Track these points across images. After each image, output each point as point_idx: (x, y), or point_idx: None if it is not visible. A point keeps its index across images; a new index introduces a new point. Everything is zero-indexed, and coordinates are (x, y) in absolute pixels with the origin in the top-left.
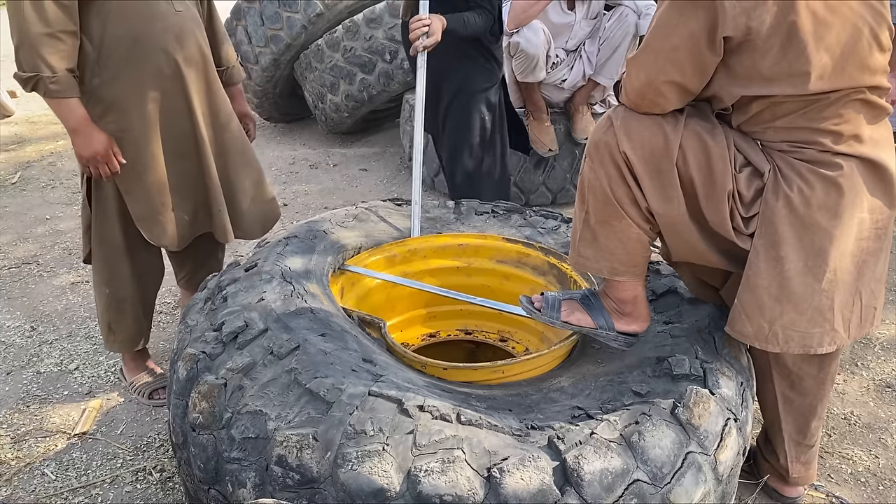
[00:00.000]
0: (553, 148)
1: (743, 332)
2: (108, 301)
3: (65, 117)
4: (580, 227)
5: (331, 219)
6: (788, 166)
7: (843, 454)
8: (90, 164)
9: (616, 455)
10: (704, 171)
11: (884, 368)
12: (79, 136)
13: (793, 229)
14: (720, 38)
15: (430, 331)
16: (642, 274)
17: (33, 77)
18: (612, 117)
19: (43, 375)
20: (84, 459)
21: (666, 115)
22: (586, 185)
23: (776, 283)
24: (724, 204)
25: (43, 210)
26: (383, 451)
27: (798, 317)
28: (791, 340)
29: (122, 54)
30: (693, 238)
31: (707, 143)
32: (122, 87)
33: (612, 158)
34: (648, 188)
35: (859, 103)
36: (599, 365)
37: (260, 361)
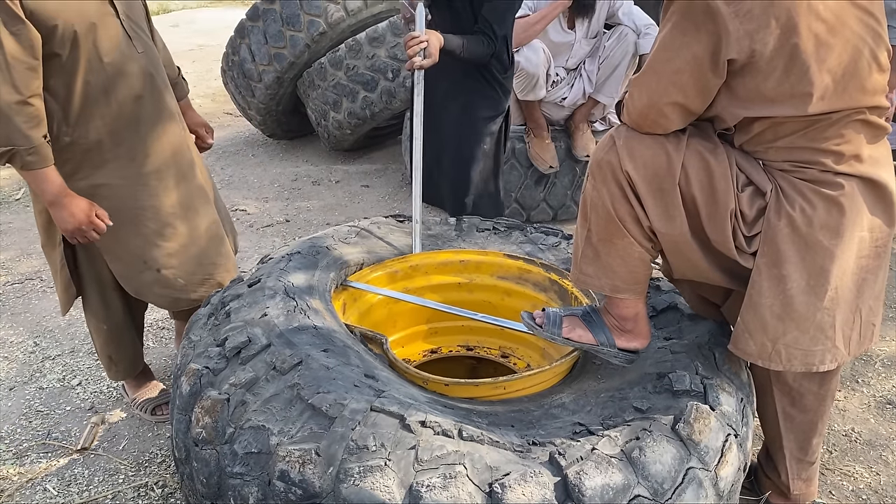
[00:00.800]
0: (554, 165)
1: (746, 351)
2: (107, 336)
3: (42, 190)
4: (582, 244)
5: (333, 235)
6: (790, 185)
7: (844, 471)
8: (76, 235)
9: (617, 471)
10: (707, 190)
11: (884, 385)
12: (59, 209)
13: (795, 248)
14: (724, 61)
15: (432, 347)
16: (643, 291)
17: (8, 151)
18: (614, 136)
19: (45, 391)
20: (86, 475)
21: (668, 135)
22: (588, 204)
23: (779, 302)
24: (726, 223)
25: None
26: (385, 466)
27: (801, 335)
28: (794, 358)
29: (91, 107)
30: (695, 256)
31: (709, 162)
32: (93, 142)
33: (615, 177)
34: (651, 207)
35: (860, 123)
36: (600, 381)
37: (263, 377)
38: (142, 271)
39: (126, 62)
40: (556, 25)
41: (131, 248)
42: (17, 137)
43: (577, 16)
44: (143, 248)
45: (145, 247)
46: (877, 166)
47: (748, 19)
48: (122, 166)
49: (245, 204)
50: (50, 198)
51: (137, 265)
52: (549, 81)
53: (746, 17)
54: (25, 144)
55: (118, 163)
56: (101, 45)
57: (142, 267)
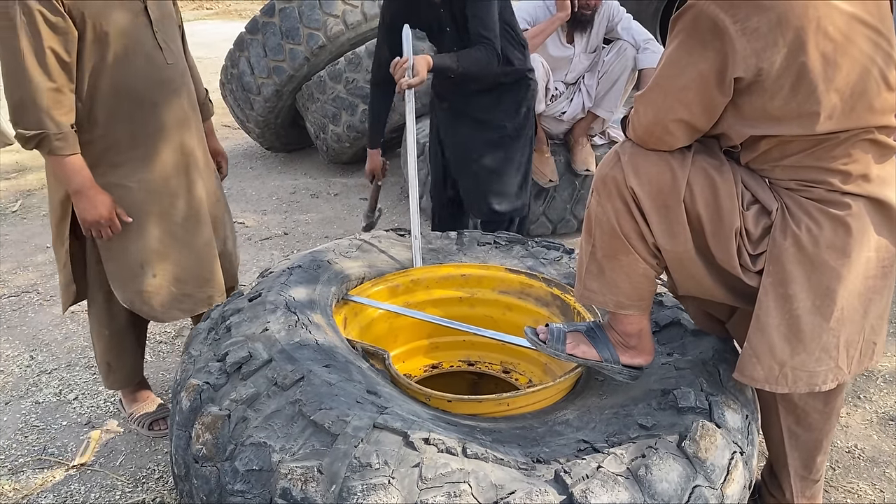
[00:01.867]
0: (553, 179)
1: (754, 377)
2: (108, 342)
3: (68, 178)
4: (586, 260)
5: (334, 249)
6: (796, 205)
7: (847, 488)
8: (93, 227)
9: (623, 489)
10: (712, 207)
11: (886, 401)
12: (82, 198)
13: (801, 268)
14: (730, 79)
15: (433, 362)
16: (648, 308)
17: (38, 135)
18: (619, 152)
19: (41, 405)
20: (82, 491)
21: (673, 152)
22: (593, 220)
23: (785, 323)
24: (731, 241)
25: (43, 238)
26: (389, 484)
27: (807, 357)
28: (799, 381)
29: (114, 110)
30: (699, 273)
31: (715, 179)
32: (112, 142)
33: (620, 193)
34: (655, 224)
35: (868, 143)
36: (604, 397)
37: (264, 392)
38: (137, 276)
39: (153, 71)
40: (555, 40)
41: (131, 251)
42: (48, 123)
43: (575, 30)
44: (142, 253)
45: (144, 252)
46: (884, 186)
47: (755, 38)
48: (135, 169)
49: (243, 217)
50: (75, 186)
51: (134, 269)
52: (549, 95)
53: (754, 36)
54: (55, 130)
55: (132, 165)
56: (131, 51)
57: (138, 271)
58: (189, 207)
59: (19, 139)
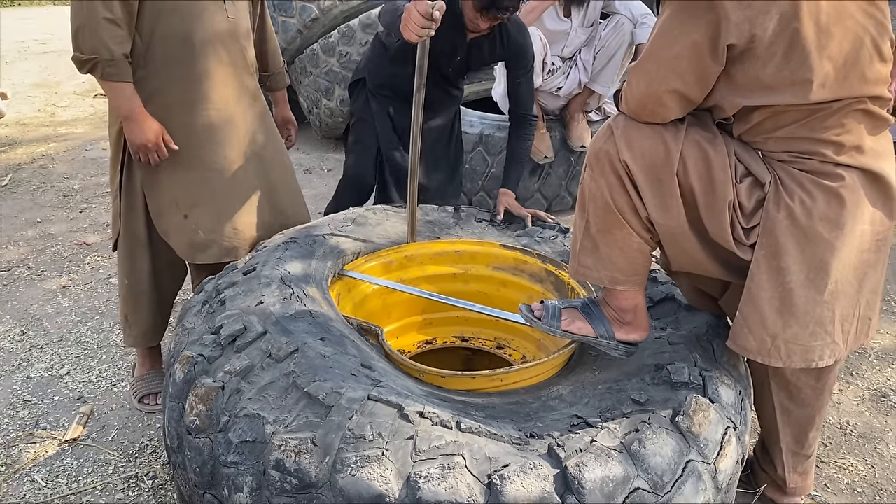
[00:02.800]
0: (549, 155)
1: (745, 347)
2: (126, 292)
3: (118, 103)
4: (580, 235)
5: (329, 223)
6: (790, 177)
7: (839, 464)
8: (140, 151)
9: (617, 463)
10: (705, 180)
11: (879, 378)
12: (132, 122)
13: (794, 240)
14: (723, 47)
15: (427, 338)
16: (643, 283)
17: (92, 59)
18: (612, 126)
19: (33, 380)
20: (75, 466)
21: (666, 125)
22: (587, 195)
23: (778, 296)
24: (724, 214)
25: (34, 213)
26: (383, 456)
27: (800, 330)
28: (793, 354)
29: (169, 52)
30: (693, 248)
31: (708, 152)
32: (164, 82)
33: (613, 167)
34: (648, 198)
35: (861, 113)
36: (597, 373)
37: (258, 364)
38: (172, 213)
39: (211, 23)
40: (552, 13)
41: (169, 187)
42: (102, 49)
43: (572, 4)
44: (177, 191)
45: (180, 189)
46: (878, 158)
47: (749, 5)
48: (183, 112)
49: None
50: (125, 112)
51: (170, 206)
52: (545, 70)
53: (746, 2)
54: (107, 56)
55: (181, 108)
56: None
57: (173, 209)
58: (227, 160)
59: (75, 62)
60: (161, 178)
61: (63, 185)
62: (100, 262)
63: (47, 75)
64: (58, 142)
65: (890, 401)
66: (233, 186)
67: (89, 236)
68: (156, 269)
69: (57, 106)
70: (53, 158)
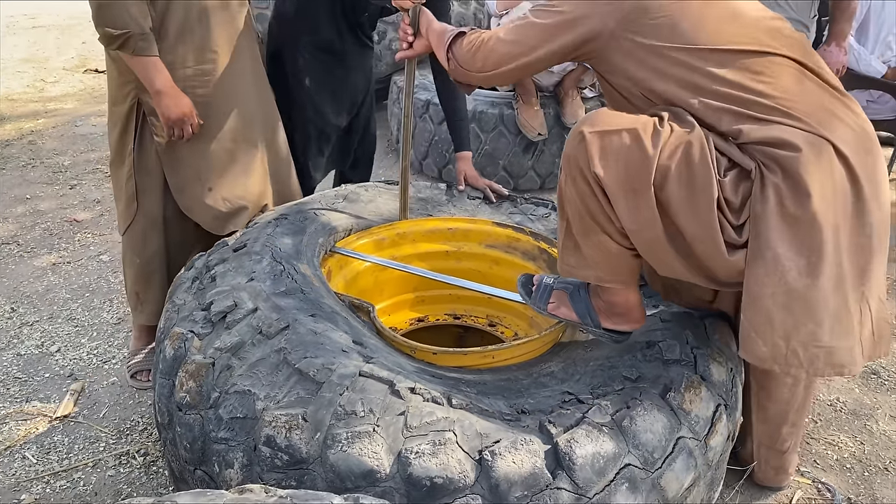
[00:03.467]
0: (542, 132)
1: (757, 355)
2: (138, 272)
3: (150, 78)
4: (563, 235)
5: (321, 200)
6: (767, 157)
7: (828, 440)
8: (176, 125)
9: (608, 439)
10: (685, 184)
11: None
12: (165, 97)
13: (785, 224)
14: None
15: (419, 315)
16: (632, 282)
17: (124, 34)
18: (583, 130)
19: (23, 357)
20: (66, 443)
21: (646, 126)
22: (563, 197)
23: (781, 290)
24: (712, 215)
25: (23, 190)
26: (374, 432)
27: (817, 328)
28: (817, 360)
29: (186, 24)
30: (671, 258)
31: (689, 152)
32: (180, 55)
33: (583, 176)
34: (622, 209)
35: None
36: (589, 350)
37: (249, 341)
38: (194, 186)
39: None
40: None
41: (192, 160)
42: (132, 24)
43: None
44: (200, 164)
45: (202, 163)
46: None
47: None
48: (201, 84)
49: None
50: (158, 86)
51: (192, 179)
52: None
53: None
54: (138, 30)
55: (198, 80)
56: None
57: (196, 183)
58: (245, 129)
59: (104, 39)
60: (182, 154)
61: (52, 162)
62: (90, 239)
63: (36, 50)
64: (47, 118)
65: (880, 378)
66: (253, 154)
67: (79, 213)
68: (167, 248)
69: (46, 81)
70: (43, 134)
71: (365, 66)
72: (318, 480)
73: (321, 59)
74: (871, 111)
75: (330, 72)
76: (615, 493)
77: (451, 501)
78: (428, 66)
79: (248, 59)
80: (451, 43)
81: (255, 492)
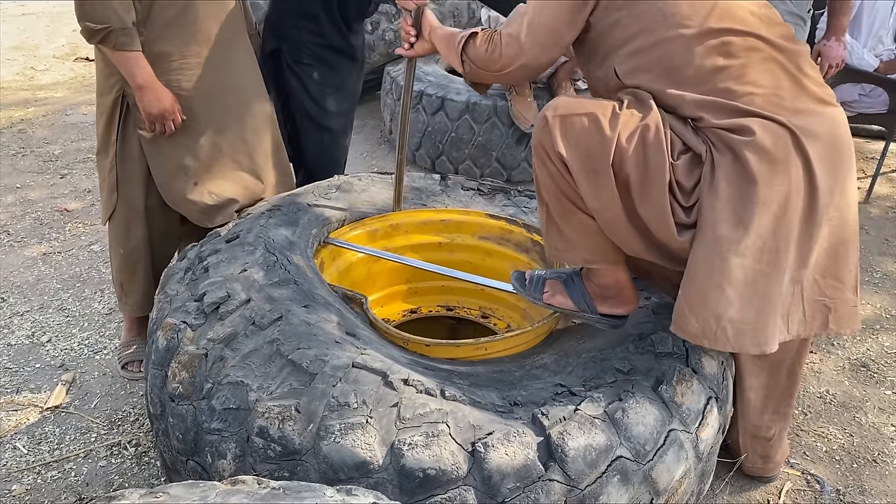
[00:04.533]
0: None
1: (688, 330)
2: (122, 262)
3: (132, 73)
4: (545, 220)
5: (314, 190)
6: (720, 140)
7: (818, 432)
8: (157, 120)
9: (600, 431)
10: (641, 166)
11: (859, 348)
12: (147, 92)
13: (728, 206)
14: None
15: (412, 306)
16: (618, 261)
17: (104, 29)
18: (547, 116)
19: (14, 347)
20: (57, 433)
21: (605, 111)
22: (539, 182)
23: (717, 270)
24: (663, 198)
25: (13, 179)
26: (367, 423)
27: (745, 306)
28: (743, 336)
29: (171, 16)
30: (631, 238)
31: (645, 135)
32: (166, 47)
33: (551, 158)
34: (584, 188)
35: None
36: (582, 342)
37: (241, 332)
38: (179, 180)
39: None
40: None
41: (176, 154)
42: (113, 18)
43: None
44: (185, 158)
45: (188, 157)
46: (802, 116)
47: None
48: (187, 78)
49: None
50: (140, 81)
51: (178, 173)
52: None
53: None
54: (120, 25)
55: (184, 73)
56: None
57: (182, 177)
58: (234, 122)
59: (85, 33)
60: (166, 147)
61: (43, 151)
62: (81, 228)
63: (26, 38)
64: (37, 106)
65: (869, 370)
66: (242, 147)
67: (70, 203)
68: (151, 238)
69: (36, 69)
70: (33, 123)
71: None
72: (311, 472)
73: (317, 54)
74: (862, 105)
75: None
76: (607, 485)
77: (444, 493)
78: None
79: (239, 52)
80: (464, 46)
81: (247, 483)
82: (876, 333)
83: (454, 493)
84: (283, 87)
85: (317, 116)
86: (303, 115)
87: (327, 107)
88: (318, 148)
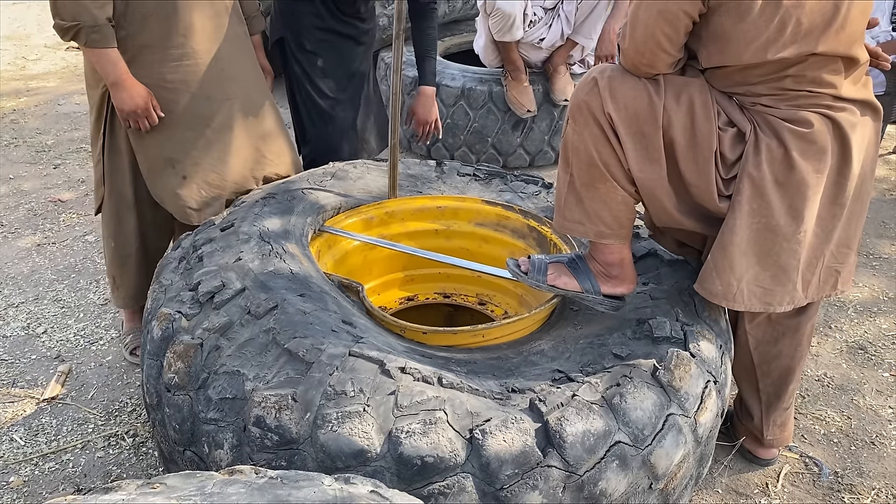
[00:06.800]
0: (531, 109)
1: (712, 291)
2: (113, 254)
3: (105, 70)
4: (565, 190)
5: (308, 178)
6: (766, 124)
7: (816, 415)
8: (130, 118)
9: (598, 417)
10: (689, 132)
11: (857, 331)
12: (119, 89)
13: (770, 185)
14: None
15: (408, 294)
16: (628, 237)
17: (74, 26)
18: (597, 78)
19: (9, 339)
20: (54, 425)
21: (651, 78)
22: (570, 148)
23: (746, 239)
24: (710, 164)
25: (5, 169)
26: (364, 411)
27: (761, 272)
28: (753, 297)
29: (150, 9)
30: (670, 203)
31: (692, 103)
32: (147, 40)
33: (596, 119)
34: (630, 151)
35: (832, 70)
36: (579, 328)
37: (237, 321)
38: (167, 174)
39: None
40: None
41: (164, 148)
42: (84, 15)
43: None
44: (173, 151)
45: (175, 150)
46: (849, 112)
47: None
48: (171, 70)
49: None
50: (112, 78)
51: (164, 166)
52: (527, 21)
53: None
54: (90, 22)
55: (167, 66)
56: None
57: (169, 171)
58: (221, 114)
59: (57, 30)
60: (151, 143)
61: (35, 141)
62: (75, 219)
63: (17, 27)
64: (29, 96)
65: (867, 353)
66: (232, 138)
67: (63, 193)
68: (142, 230)
69: (27, 59)
70: (25, 113)
71: (364, 60)
72: (309, 461)
73: (321, 40)
74: None
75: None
76: (605, 471)
77: (442, 480)
78: None
79: (229, 40)
80: None
81: (245, 472)
82: (873, 316)
83: (452, 480)
84: (290, 75)
85: (320, 104)
86: (307, 102)
87: (331, 94)
88: (321, 135)
